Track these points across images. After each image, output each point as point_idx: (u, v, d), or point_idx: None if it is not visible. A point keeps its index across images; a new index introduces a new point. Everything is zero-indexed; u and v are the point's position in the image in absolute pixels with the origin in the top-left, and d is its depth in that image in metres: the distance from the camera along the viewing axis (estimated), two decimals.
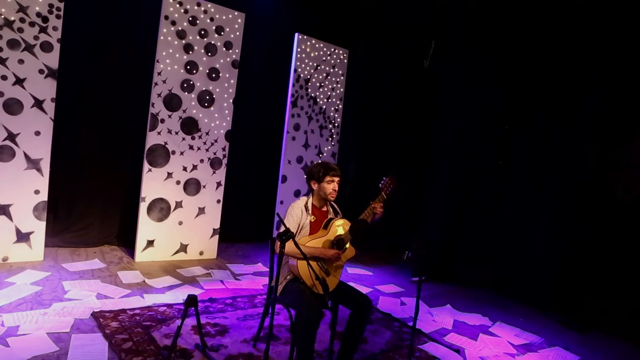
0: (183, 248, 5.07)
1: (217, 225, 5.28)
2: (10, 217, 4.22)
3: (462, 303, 4.78)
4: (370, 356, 3.31)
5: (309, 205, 3.03)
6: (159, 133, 4.77)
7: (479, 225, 5.64)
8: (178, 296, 3.97)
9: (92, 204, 5.05)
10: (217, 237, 5.29)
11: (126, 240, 5.19)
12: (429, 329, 3.97)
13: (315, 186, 3.02)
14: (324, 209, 3.10)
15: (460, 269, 5.61)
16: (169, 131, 4.83)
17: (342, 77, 6.28)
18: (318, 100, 6.04)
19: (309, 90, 5.93)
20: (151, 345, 3.04)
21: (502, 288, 5.29)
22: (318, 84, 6.02)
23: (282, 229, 2.54)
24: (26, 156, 4.23)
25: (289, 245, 2.69)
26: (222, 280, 4.55)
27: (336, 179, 3.01)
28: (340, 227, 2.99)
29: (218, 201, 5.26)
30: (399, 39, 6.72)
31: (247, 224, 6.15)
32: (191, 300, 2.90)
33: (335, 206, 3.19)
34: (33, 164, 4.27)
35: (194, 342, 3.14)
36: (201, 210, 5.14)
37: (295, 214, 2.95)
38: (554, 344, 4.00)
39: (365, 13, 6.63)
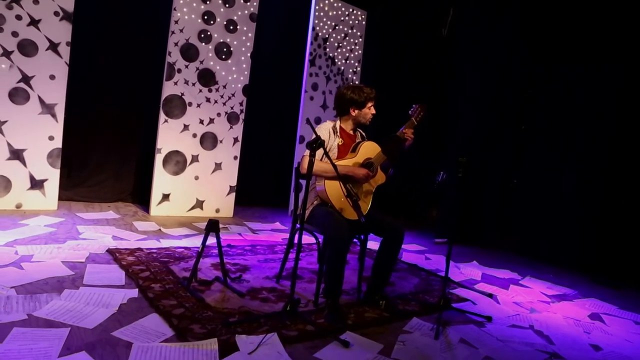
0: (199, 204, 4.93)
1: (234, 183, 5.13)
2: (24, 163, 4.11)
3: (489, 261, 4.59)
4: (400, 295, 3.14)
5: (337, 127, 2.86)
6: (175, 83, 4.63)
7: (502, 187, 5.43)
8: (195, 242, 3.82)
9: (107, 158, 4.93)
10: (233, 195, 5.14)
11: (141, 198, 5.07)
12: (457, 279, 3.79)
13: (355, 112, 2.86)
14: (353, 133, 2.93)
15: (483, 232, 5.41)
16: (186, 82, 4.69)
17: (360, 39, 6.11)
18: (336, 60, 5.87)
19: (327, 49, 5.77)
20: (169, 275, 2.90)
21: (528, 249, 5.08)
22: (336, 44, 5.85)
23: (313, 137, 2.38)
24: (41, 100, 4.11)
25: (318, 163, 2.54)
26: (240, 233, 4.40)
27: (374, 101, 2.87)
28: (369, 149, 2.82)
29: (235, 157, 5.11)
30: (418, 4, 6.52)
31: (263, 187, 6.00)
32: (212, 224, 2.75)
33: (362, 132, 3.03)
34: (48, 108, 4.15)
35: (215, 276, 2.98)
36: (218, 166, 5.00)
37: (323, 134, 2.78)
38: (589, 295, 3.80)
39: None
